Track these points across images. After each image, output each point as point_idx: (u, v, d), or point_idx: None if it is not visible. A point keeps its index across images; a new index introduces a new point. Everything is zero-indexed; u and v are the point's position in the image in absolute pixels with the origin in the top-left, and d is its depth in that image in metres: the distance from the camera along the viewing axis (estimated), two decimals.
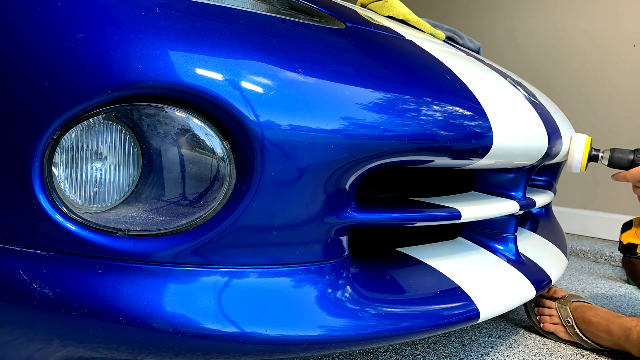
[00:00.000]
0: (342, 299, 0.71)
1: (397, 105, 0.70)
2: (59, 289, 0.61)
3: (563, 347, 1.14)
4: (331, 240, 0.72)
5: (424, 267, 0.86)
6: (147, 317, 0.61)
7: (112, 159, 0.62)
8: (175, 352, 0.64)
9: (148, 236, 0.63)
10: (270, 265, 0.68)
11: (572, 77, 2.57)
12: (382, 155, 0.69)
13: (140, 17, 0.60)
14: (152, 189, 0.63)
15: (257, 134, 0.61)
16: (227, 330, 0.63)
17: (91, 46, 0.58)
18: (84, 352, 0.64)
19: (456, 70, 0.87)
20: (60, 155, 0.60)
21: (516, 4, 2.74)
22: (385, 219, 0.77)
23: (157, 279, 0.63)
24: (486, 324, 1.23)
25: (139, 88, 0.58)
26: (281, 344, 0.65)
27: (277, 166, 0.62)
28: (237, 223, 0.63)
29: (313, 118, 0.64)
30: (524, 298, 0.93)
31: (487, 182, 1.02)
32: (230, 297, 0.65)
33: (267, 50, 0.65)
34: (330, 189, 0.68)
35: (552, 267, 1.10)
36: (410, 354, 1.03)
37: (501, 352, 1.08)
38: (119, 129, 0.61)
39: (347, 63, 0.70)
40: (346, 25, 0.82)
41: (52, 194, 0.60)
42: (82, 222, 0.62)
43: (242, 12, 0.69)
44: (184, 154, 0.62)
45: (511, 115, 0.89)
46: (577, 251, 2.17)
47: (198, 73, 0.59)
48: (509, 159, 0.89)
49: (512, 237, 1.01)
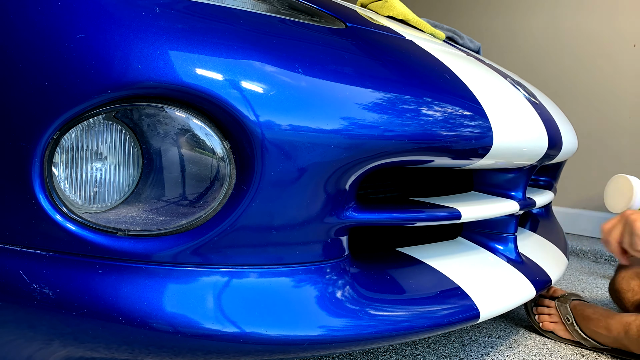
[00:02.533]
0: (342, 299, 0.71)
1: (397, 105, 0.70)
2: (59, 289, 0.61)
3: (563, 347, 1.14)
4: (331, 240, 0.72)
5: (424, 267, 0.86)
6: (147, 317, 0.61)
7: (112, 159, 0.62)
8: (175, 352, 0.64)
9: (148, 236, 0.63)
10: (270, 265, 0.68)
11: (572, 77, 2.57)
12: (382, 156, 0.69)
13: (140, 17, 0.60)
14: (152, 189, 0.63)
15: (257, 134, 0.61)
16: (227, 330, 0.63)
17: (91, 46, 0.58)
18: (84, 352, 0.64)
19: (456, 70, 0.87)
20: (60, 155, 0.60)
21: (516, 4, 2.74)
22: (385, 219, 0.77)
23: (157, 279, 0.63)
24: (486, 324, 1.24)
25: (139, 88, 0.58)
26: (281, 344, 0.65)
27: (277, 166, 0.62)
28: (237, 223, 0.63)
29: (313, 118, 0.64)
30: (524, 298, 0.93)
31: (487, 182, 1.02)
32: (230, 297, 0.65)
33: (267, 50, 0.65)
34: (331, 189, 0.68)
35: (552, 267, 1.10)
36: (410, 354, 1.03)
37: (501, 352, 1.08)
38: (119, 129, 0.61)
39: (347, 63, 0.70)
40: (346, 25, 0.82)
41: (52, 194, 0.60)
42: (82, 222, 0.62)
43: (242, 12, 0.69)
44: (184, 154, 0.62)
45: (511, 115, 0.89)
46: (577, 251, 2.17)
47: (198, 73, 0.59)
48: (509, 159, 0.89)
49: (512, 237, 1.01)
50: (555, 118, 1.12)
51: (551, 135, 1.00)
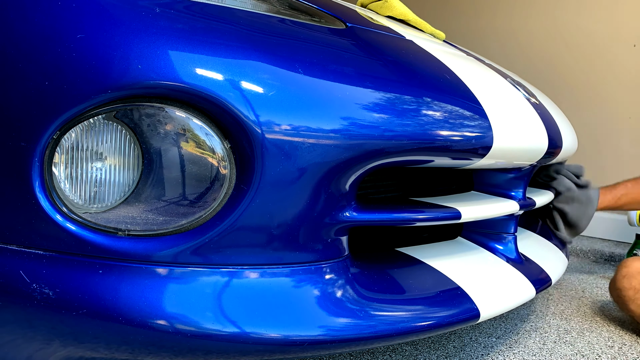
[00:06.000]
0: (342, 299, 0.71)
1: (397, 105, 0.70)
2: (59, 289, 0.61)
3: (563, 347, 1.14)
4: (331, 240, 0.72)
5: (424, 267, 0.86)
6: (147, 317, 0.61)
7: (112, 159, 0.62)
8: (175, 352, 0.64)
9: (148, 236, 0.63)
10: (271, 265, 0.68)
11: (572, 77, 2.56)
12: (382, 156, 0.69)
13: (140, 17, 0.60)
14: (152, 189, 0.63)
15: (257, 134, 0.61)
16: (227, 330, 0.63)
17: (91, 46, 0.58)
18: (84, 352, 0.64)
19: (456, 70, 0.87)
20: (60, 155, 0.60)
21: (516, 4, 2.74)
22: (385, 219, 0.77)
23: (157, 279, 0.63)
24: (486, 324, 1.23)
25: (139, 88, 0.58)
26: (281, 344, 0.65)
27: (277, 166, 0.62)
28: (237, 223, 0.63)
29: (313, 118, 0.64)
30: (524, 298, 0.93)
31: (487, 182, 1.02)
32: (230, 297, 0.65)
33: (267, 50, 0.65)
34: (331, 189, 0.68)
35: (552, 267, 1.10)
36: (410, 354, 1.03)
37: (501, 352, 1.08)
38: (119, 129, 0.61)
39: (347, 63, 0.70)
40: (346, 25, 0.82)
41: (52, 194, 0.60)
42: (82, 222, 0.62)
43: (242, 12, 0.69)
44: (184, 154, 0.62)
45: (511, 115, 0.89)
46: (577, 251, 2.17)
47: (198, 73, 0.59)
48: (509, 159, 0.89)
49: (512, 237, 1.01)
50: (555, 118, 1.12)
51: (551, 135, 1.00)
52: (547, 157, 1.00)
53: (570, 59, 2.58)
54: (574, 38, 2.57)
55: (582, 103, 2.53)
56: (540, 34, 2.66)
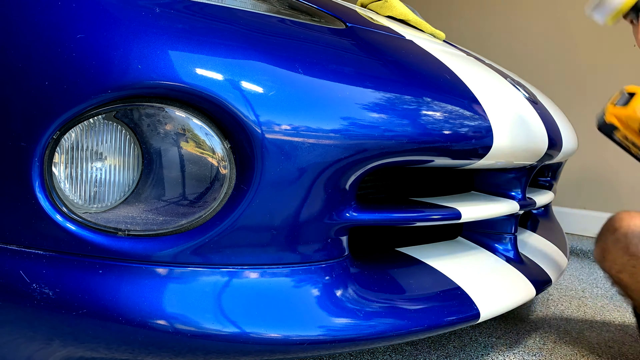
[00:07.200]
0: (342, 299, 0.71)
1: (397, 105, 0.70)
2: (59, 289, 0.61)
3: (563, 347, 1.14)
4: (331, 240, 0.72)
5: (424, 267, 0.86)
6: (147, 317, 0.61)
7: (112, 159, 0.62)
8: (175, 352, 0.64)
9: (148, 236, 0.63)
10: (271, 265, 0.68)
11: (572, 77, 2.57)
12: (382, 155, 0.69)
13: (140, 17, 0.60)
14: (152, 189, 0.63)
15: (257, 134, 0.61)
16: (227, 330, 0.63)
17: (91, 46, 0.58)
18: (84, 352, 0.64)
19: (456, 70, 0.87)
20: (60, 155, 0.60)
21: (516, 4, 2.74)
22: (385, 219, 0.77)
23: (157, 279, 0.63)
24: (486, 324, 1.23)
25: (139, 88, 0.58)
26: (281, 344, 0.65)
27: (277, 166, 0.62)
28: (237, 223, 0.63)
29: (313, 118, 0.64)
30: (524, 298, 0.93)
31: (487, 182, 1.02)
32: (230, 297, 0.65)
33: (267, 50, 0.65)
34: (330, 189, 0.68)
35: (552, 267, 1.10)
36: (410, 354, 1.03)
37: (501, 352, 1.08)
38: (119, 129, 0.61)
39: (348, 63, 0.70)
40: (346, 25, 0.82)
41: (52, 194, 0.60)
42: (82, 222, 0.62)
43: (242, 12, 0.69)
44: (184, 154, 0.62)
45: (511, 115, 0.89)
46: (577, 251, 2.17)
47: (198, 73, 0.59)
48: (509, 159, 0.89)
49: (512, 237, 1.01)
50: (555, 118, 1.12)
51: (551, 135, 1.00)
52: (547, 157, 1.00)
53: (570, 58, 2.58)
54: (574, 38, 2.57)
55: (582, 103, 2.53)
56: (540, 34, 2.67)
